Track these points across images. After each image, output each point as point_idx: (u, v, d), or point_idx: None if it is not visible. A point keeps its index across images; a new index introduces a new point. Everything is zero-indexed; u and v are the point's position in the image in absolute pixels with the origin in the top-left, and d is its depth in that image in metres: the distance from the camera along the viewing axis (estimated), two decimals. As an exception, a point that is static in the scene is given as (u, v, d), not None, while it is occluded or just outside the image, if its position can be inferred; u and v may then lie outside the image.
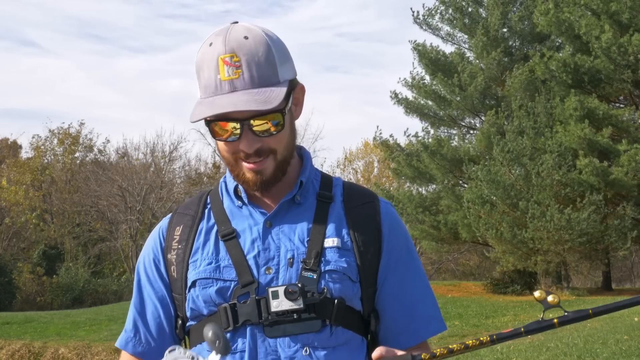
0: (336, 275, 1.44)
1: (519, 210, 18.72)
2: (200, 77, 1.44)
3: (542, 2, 20.63)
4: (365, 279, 1.48)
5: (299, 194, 1.52)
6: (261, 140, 1.42)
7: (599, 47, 19.03)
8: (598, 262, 20.27)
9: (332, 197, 1.54)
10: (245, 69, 1.39)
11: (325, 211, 1.51)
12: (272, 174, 1.46)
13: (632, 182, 18.43)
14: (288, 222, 1.49)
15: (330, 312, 1.42)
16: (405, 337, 1.53)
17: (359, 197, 1.56)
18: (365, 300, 1.49)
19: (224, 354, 1.29)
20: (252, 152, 1.42)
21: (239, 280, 1.43)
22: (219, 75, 1.40)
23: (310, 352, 1.41)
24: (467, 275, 34.51)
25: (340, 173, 39.91)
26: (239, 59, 1.39)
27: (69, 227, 35.56)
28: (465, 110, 23.49)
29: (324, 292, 1.42)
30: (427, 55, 23.45)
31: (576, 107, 18.67)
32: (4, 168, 37.71)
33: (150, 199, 33.66)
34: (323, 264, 1.44)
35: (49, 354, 15.38)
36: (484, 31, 22.13)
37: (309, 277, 1.42)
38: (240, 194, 1.53)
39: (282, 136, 1.45)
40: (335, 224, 1.49)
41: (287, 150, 1.48)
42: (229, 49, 1.40)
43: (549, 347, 9.97)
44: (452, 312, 15.89)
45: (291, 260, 1.44)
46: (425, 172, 22.74)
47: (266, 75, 1.40)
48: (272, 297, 1.39)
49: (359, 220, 1.51)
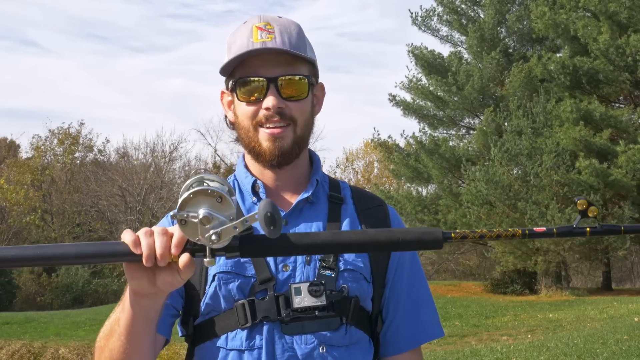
0: (353, 275, 1.45)
1: (518, 210, 18.73)
2: (232, 47, 1.46)
3: (538, 6, 20.63)
4: (377, 280, 1.50)
5: (312, 193, 1.53)
6: (285, 103, 1.44)
7: (597, 49, 19.03)
8: (598, 262, 20.27)
9: (343, 199, 1.55)
10: (278, 35, 1.44)
11: (337, 211, 1.52)
12: (290, 146, 1.46)
13: (631, 183, 18.44)
14: (303, 220, 1.50)
15: (347, 310, 1.43)
16: (405, 341, 1.54)
17: (369, 200, 1.58)
18: (375, 301, 1.50)
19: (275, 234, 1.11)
20: (275, 110, 1.43)
21: (257, 276, 1.42)
22: (251, 39, 1.43)
23: (326, 350, 1.41)
24: (467, 275, 34.49)
25: (341, 173, 39.94)
26: (272, 27, 1.44)
27: (69, 227, 35.55)
28: (463, 110, 23.52)
29: (342, 291, 1.43)
30: (423, 58, 23.53)
31: (572, 109, 18.68)
32: (4, 168, 37.71)
33: (150, 199, 33.66)
34: (342, 263, 1.45)
35: (49, 354, 15.37)
36: (475, 29, 22.15)
37: (328, 275, 1.42)
38: (258, 189, 1.53)
39: (304, 106, 1.47)
40: (350, 225, 1.51)
41: (306, 127, 1.49)
42: (264, 20, 1.46)
43: (549, 347, 9.97)
44: (452, 312, 15.88)
45: (308, 258, 1.44)
46: (424, 172, 22.76)
47: (297, 45, 1.45)
48: (295, 294, 1.39)
49: (372, 222, 1.53)
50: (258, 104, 1.45)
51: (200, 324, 1.47)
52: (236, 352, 1.41)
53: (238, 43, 1.44)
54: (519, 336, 12.37)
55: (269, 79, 1.42)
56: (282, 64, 1.44)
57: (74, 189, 36.43)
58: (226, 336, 1.43)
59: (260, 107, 1.44)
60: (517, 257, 19.49)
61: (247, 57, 1.44)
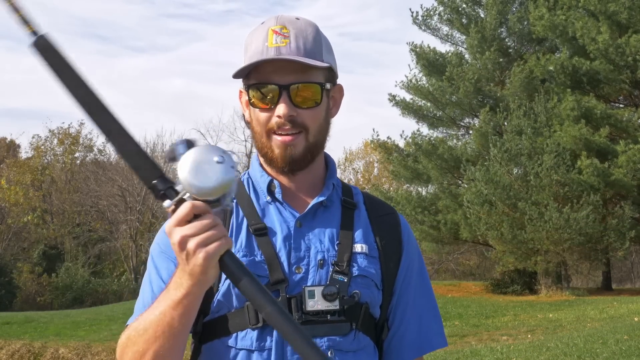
0: (365, 281, 1.45)
1: (518, 210, 18.73)
2: (248, 49, 1.46)
3: (536, 7, 20.63)
4: (387, 287, 1.50)
5: (327, 197, 1.52)
6: (296, 111, 1.43)
7: (596, 49, 19.03)
8: (597, 262, 20.27)
9: (356, 204, 1.55)
10: (293, 39, 1.42)
11: (351, 217, 1.51)
12: (301, 153, 1.45)
13: (631, 183, 18.44)
14: (317, 224, 1.49)
15: (357, 316, 1.42)
16: (410, 349, 1.54)
17: (381, 208, 1.58)
18: (383, 308, 1.50)
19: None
20: (286, 118, 1.42)
21: (270, 277, 1.41)
22: (266, 43, 1.42)
23: (335, 354, 1.40)
24: (467, 275, 34.50)
25: (341, 173, 39.94)
26: (288, 30, 1.43)
27: (69, 227, 35.57)
28: (462, 110, 23.51)
29: (354, 296, 1.42)
30: (424, 57, 23.50)
31: (573, 107, 18.67)
32: (4, 168, 37.73)
33: (150, 199, 33.61)
34: (355, 268, 1.45)
35: (49, 354, 15.37)
36: (477, 29, 22.16)
37: (340, 279, 1.41)
38: (274, 189, 1.51)
39: (317, 114, 1.46)
40: (363, 231, 1.50)
41: (319, 134, 1.48)
42: (280, 22, 1.45)
43: (549, 347, 9.97)
44: (452, 312, 15.87)
45: (322, 261, 1.43)
46: (423, 173, 22.76)
47: (312, 51, 1.43)
48: (308, 297, 1.38)
49: (384, 230, 1.53)
50: (271, 110, 1.44)
51: (210, 322, 1.45)
52: (245, 352, 1.40)
53: (254, 46, 1.44)
54: (519, 336, 12.37)
55: (281, 86, 1.41)
56: (296, 71, 1.43)
57: (74, 189, 36.45)
58: (236, 335, 1.41)
59: (273, 114, 1.43)
60: (517, 257, 19.49)
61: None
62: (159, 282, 1.45)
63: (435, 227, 21.71)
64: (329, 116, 1.52)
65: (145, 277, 1.52)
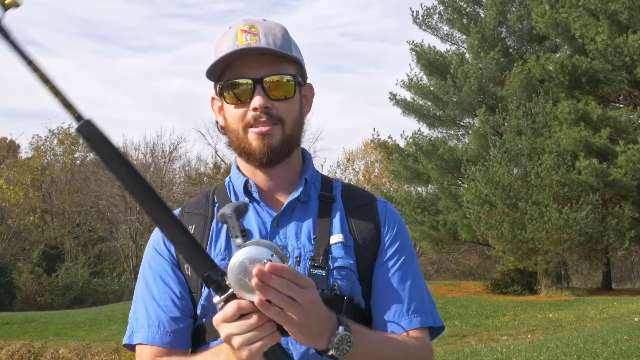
0: (344, 272, 1.46)
1: (518, 210, 18.73)
2: (218, 52, 1.47)
3: (539, 4, 20.63)
4: (365, 276, 1.50)
5: (303, 192, 1.53)
6: (271, 103, 1.45)
7: (594, 48, 19.02)
8: (597, 262, 20.27)
9: (334, 198, 1.56)
10: (262, 36, 1.45)
11: (328, 210, 1.53)
12: (279, 144, 1.46)
13: (631, 183, 18.44)
14: (294, 219, 1.50)
15: (340, 309, 1.42)
16: (392, 326, 1.49)
17: (357, 199, 1.58)
18: (365, 297, 1.50)
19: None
20: (262, 110, 1.43)
21: None
22: (236, 42, 1.44)
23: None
24: (467, 275, 34.51)
25: (341, 173, 39.94)
26: (257, 29, 1.46)
27: (69, 227, 35.57)
28: (462, 110, 23.51)
29: (334, 289, 1.43)
30: (425, 56, 23.50)
31: (569, 110, 18.67)
32: (4, 168, 37.73)
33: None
34: (331, 261, 1.45)
35: (49, 354, 15.38)
36: (478, 30, 22.15)
37: (318, 274, 1.42)
38: (251, 188, 1.53)
39: (291, 106, 1.48)
40: (339, 223, 1.52)
41: (295, 127, 1.50)
42: (248, 23, 1.47)
43: (549, 347, 9.97)
44: (452, 312, 15.88)
45: (298, 258, 1.45)
46: (423, 174, 22.75)
47: (282, 46, 1.46)
48: None
49: (359, 221, 1.53)
50: (246, 105, 1.45)
51: (197, 328, 1.48)
52: None
53: (224, 47, 1.45)
54: (519, 336, 12.37)
55: (255, 79, 1.43)
56: (268, 64, 1.45)
57: (74, 189, 36.44)
58: (212, 345, 1.41)
59: (248, 108, 1.45)
60: (517, 257, 19.49)
61: (233, 60, 1.45)
62: (152, 302, 1.49)
63: (435, 228, 21.71)
64: (303, 112, 1.54)
65: (138, 292, 1.53)
